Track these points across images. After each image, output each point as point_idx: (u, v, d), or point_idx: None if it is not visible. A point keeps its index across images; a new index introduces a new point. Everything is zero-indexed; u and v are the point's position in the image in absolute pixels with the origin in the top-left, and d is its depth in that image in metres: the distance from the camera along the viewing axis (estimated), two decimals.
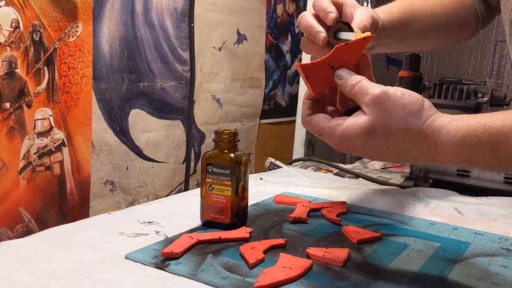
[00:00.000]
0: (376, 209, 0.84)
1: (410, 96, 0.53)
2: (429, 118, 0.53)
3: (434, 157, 0.53)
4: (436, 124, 0.52)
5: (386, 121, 0.52)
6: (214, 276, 0.55)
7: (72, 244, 0.63)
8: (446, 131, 0.51)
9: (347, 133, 0.54)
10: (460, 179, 0.99)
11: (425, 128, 0.52)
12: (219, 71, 1.27)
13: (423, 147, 0.52)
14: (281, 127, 1.61)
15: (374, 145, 0.53)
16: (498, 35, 1.56)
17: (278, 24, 1.54)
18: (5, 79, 0.77)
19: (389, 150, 0.54)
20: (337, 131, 0.55)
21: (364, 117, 0.53)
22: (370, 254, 0.63)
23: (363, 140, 0.53)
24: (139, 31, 1.02)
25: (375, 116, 0.53)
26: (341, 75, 0.57)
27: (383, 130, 0.52)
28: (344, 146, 0.56)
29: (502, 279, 0.57)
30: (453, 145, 0.51)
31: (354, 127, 0.54)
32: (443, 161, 0.53)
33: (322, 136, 0.57)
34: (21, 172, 0.82)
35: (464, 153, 0.51)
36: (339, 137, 0.55)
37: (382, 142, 0.53)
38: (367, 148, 0.54)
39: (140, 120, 1.05)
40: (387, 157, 0.55)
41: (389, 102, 0.52)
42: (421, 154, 0.53)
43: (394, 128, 0.52)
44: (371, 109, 0.53)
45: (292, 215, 0.74)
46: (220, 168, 0.69)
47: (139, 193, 1.07)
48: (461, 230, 0.75)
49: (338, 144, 0.56)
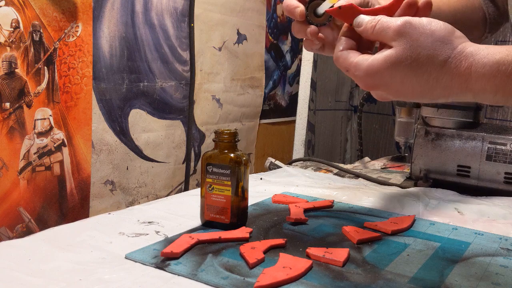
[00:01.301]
0: (376, 209, 0.84)
1: (438, 23, 0.51)
2: (461, 44, 0.50)
3: (467, 84, 0.49)
4: (470, 49, 0.49)
5: (414, 49, 0.50)
6: (214, 276, 0.54)
7: (72, 244, 0.63)
8: (483, 54, 0.48)
9: (373, 66, 0.52)
10: (460, 179, 0.99)
11: (456, 53, 0.49)
12: (219, 71, 1.27)
13: (456, 72, 0.49)
14: (281, 127, 1.61)
15: (401, 76, 0.51)
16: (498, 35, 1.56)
17: (278, 24, 1.54)
18: (5, 79, 0.77)
19: (418, 82, 0.50)
20: (363, 65, 0.53)
21: (390, 49, 0.51)
22: (370, 254, 0.63)
23: (389, 72, 0.51)
24: (139, 31, 1.02)
25: (402, 46, 0.50)
26: (359, 22, 0.55)
27: (410, 60, 0.50)
28: (369, 81, 0.53)
29: (502, 279, 0.57)
30: (489, 69, 0.48)
31: (380, 59, 0.51)
32: (477, 88, 0.49)
33: (349, 72, 0.55)
34: (21, 172, 0.82)
35: (501, 78, 0.47)
36: (364, 70, 0.52)
37: (410, 73, 0.50)
38: (394, 81, 0.51)
39: (140, 120, 1.05)
40: (415, 91, 0.52)
41: (415, 30, 0.50)
42: (453, 81, 0.49)
43: (422, 56, 0.50)
44: (396, 41, 0.51)
45: (293, 217, 0.74)
46: (220, 168, 0.69)
47: (139, 193, 1.07)
48: (461, 230, 0.75)
49: (364, 80, 0.53)
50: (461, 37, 0.51)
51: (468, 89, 0.50)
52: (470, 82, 0.49)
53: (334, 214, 0.80)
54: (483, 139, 0.96)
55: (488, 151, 0.95)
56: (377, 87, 0.54)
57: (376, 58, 0.52)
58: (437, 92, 0.51)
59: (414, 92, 0.52)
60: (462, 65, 0.49)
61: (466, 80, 0.49)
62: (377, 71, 0.52)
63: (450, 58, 0.49)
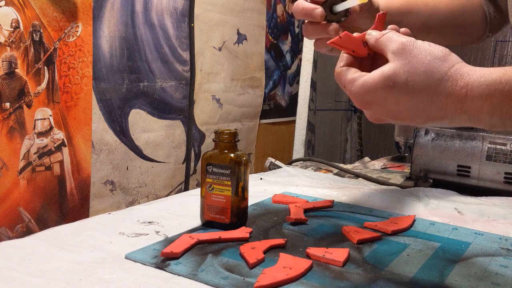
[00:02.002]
0: (376, 209, 0.84)
1: (437, 46, 0.51)
2: (457, 63, 0.50)
3: (463, 104, 0.48)
4: (466, 69, 0.49)
5: (412, 66, 0.50)
6: (214, 276, 0.55)
7: (72, 244, 0.63)
8: (479, 74, 0.48)
9: (368, 82, 0.52)
10: (460, 179, 0.99)
11: (453, 71, 0.49)
12: (219, 71, 1.27)
13: (451, 91, 0.49)
14: (281, 127, 1.61)
15: (396, 95, 0.50)
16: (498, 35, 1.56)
17: (278, 24, 1.54)
18: (5, 79, 0.77)
19: (413, 100, 0.50)
20: (358, 81, 0.52)
21: (388, 64, 0.51)
22: (370, 254, 0.63)
23: (384, 89, 0.51)
24: (139, 31, 1.02)
25: (401, 61, 0.50)
26: (371, 33, 0.56)
27: (407, 76, 0.50)
28: (364, 98, 0.53)
29: (502, 279, 0.57)
30: (486, 87, 0.47)
31: (376, 75, 0.51)
32: (473, 109, 0.48)
33: (346, 89, 0.55)
34: (21, 172, 0.82)
35: (498, 98, 0.47)
36: (359, 87, 0.52)
37: (406, 90, 0.50)
38: (388, 99, 0.51)
39: (140, 120, 1.05)
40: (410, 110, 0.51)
41: (416, 48, 0.51)
42: (448, 100, 0.49)
43: (419, 73, 0.49)
44: (396, 55, 0.51)
45: (293, 217, 0.74)
46: (220, 168, 0.69)
47: (139, 193, 1.07)
48: (461, 230, 0.75)
49: (359, 97, 0.53)
50: (458, 58, 0.51)
51: (463, 110, 0.49)
52: (466, 103, 0.48)
53: (334, 214, 0.80)
54: (483, 139, 0.96)
55: (488, 151, 0.95)
56: (370, 105, 0.53)
57: (372, 74, 0.52)
58: (432, 113, 0.51)
59: (408, 111, 0.52)
60: (458, 84, 0.49)
61: (461, 100, 0.49)
62: (371, 88, 0.52)
63: (446, 76, 0.49)
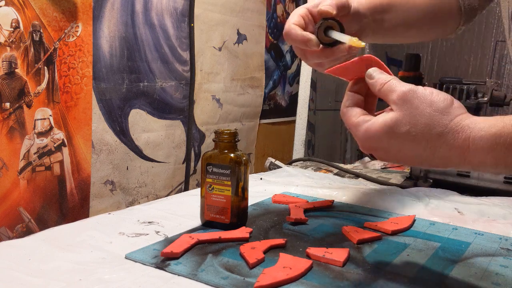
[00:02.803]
0: (376, 209, 0.84)
1: (439, 94, 0.52)
2: (458, 116, 0.50)
3: (465, 155, 0.49)
4: (467, 121, 0.50)
5: (413, 117, 0.50)
6: (214, 276, 0.55)
7: (72, 244, 0.63)
8: (480, 127, 0.49)
9: (371, 130, 0.53)
10: (460, 179, 0.99)
11: (453, 124, 0.50)
12: (219, 71, 1.27)
13: (453, 144, 0.49)
14: (281, 127, 1.61)
15: (399, 143, 0.51)
16: (498, 35, 1.56)
17: (278, 24, 1.54)
18: (5, 79, 0.77)
19: (415, 149, 0.51)
20: (362, 128, 0.53)
21: (390, 113, 0.52)
22: (370, 254, 0.63)
23: (387, 137, 0.52)
24: (139, 31, 1.02)
25: (402, 112, 0.51)
26: (371, 74, 0.56)
27: (408, 127, 0.50)
28: (367, 143, 0.54)
29: (502, 279, 0.57)
30: (486, 141, 0.48)
31: (378, 123, 0.52)
32: (476, 161, 0.49)
33: (351, 130, 0.56)
34: (21, 172, 0.82)
35: (500, 151, 0.48)
36: (362, 133, 0.53)
37: (408, 140, 0.51)
38: (391, 147, 0.52)
39: (140, 120, 1.04)
40: (413, 158, 0.52)
41: (417, 99, 0.51)
42: (451, 152, 0.50)
43: (420, 124, 0.50)
44: (398, 106, 0.52)
45: (293, 217, 0.74)
46: (220, 168, 0.69)
47: (139, 193, 1.07)
48: (461, 230, 0.75)
49: (362, 142, 0.54)
50: (460, 108, 0.52)
51: (466, 161, 0.50)
52: (469, 155, 0.49)
53: (334, 214, 0.80)
54: None
55: None
56: (375, 150, 0.54)
57: (375, 121, 0.53)
58: (435, 162, 0.51)
59: (412, 158, 0.52)
60: (460, 136, 0.49)
61: (464, 152, 0.49)
62: (374, 135, 0.52)
63: (447, 129, 0.50)
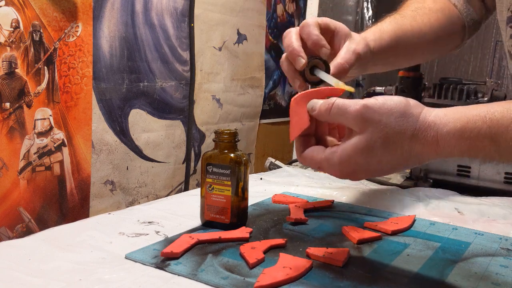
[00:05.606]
0: (376, 209, 0.84)
1: (392, 100, 0.52)
2: (420, 115, 0.52)
3: (437, 151, 0.52)
4: (431, 119, 0.52)
5: (381, 131, 0.51)
6: (214, 276, 0.55)
7: (72, 244, 0.63)
8: (444, 123, 0.51)
9: (345, 156, 0.52)
10: (460, 179, 0.99)
11: (420, 124, 0.51)
12: (219, 71, 1.27)
13: (425, 141, 0.51)
14: (281, 127, 1.61)
15: (376, 157, 0.52)
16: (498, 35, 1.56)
17: (278, 24, 1.54)
18: (5, 79, 0.77)
19: (393, 157, 0.52)
20: (334, 158, 0.53)
21: (357, 136, 0.52)
22: (370, 254, 0.63)
23: (364, 157, 0.52)
24: (139, 31, 1.02)
25: (369, 132, 0.51)
26: (312, 106, 0.55)
27: (381, 141, 0.51)
28: (346, 170, 0.54)
29: (502, 279, 0.57)
30: (453, 136, 0.51)
31: (350, 148, 0.52)
32: (446, 153, 0.52)
33: (321, 169, 0.55)
34: (21, 172, 0.82)
35: (464, 145, 0.50)
36: (338, 163, 0.53)
37: (384, 151, 0.52)
38: (370, 163, 0.52)
39: (140, 120, 1.04)
40: (393, 166, 0.53)
41: (374, 113, 0.51)
42: (424, 148, 0.52)
43: (391, 135, 0.51)
44: (359, 126, 0.52)
45: (293, 217, 0.74)
46: (220, 168, 0.69)
47: (139, 193, 1.07)
48: (461, 230, 0.75)
49: (340, 171, 0.54)
50: (418, 106, 0.53)
51: (438, 154, 0.52)
52: (439, 149, 0.51)
53: (334, 214, 0.80)
54: None
55: None
56: (355, 174, 0.54)
57: (345, 148, 0.53)
58: (412, 161, 0.53)
59: (391, 167, 0.53)
60: (429, 134, 0.51)
61: (435, 148, 0.52)
62: (351, 159, 0.52)
63: (416, 130, 0.51)
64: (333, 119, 0.54)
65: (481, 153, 0.51)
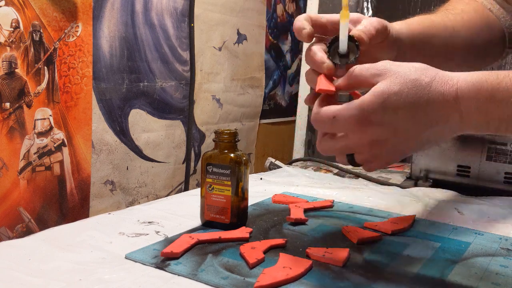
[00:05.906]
0: (376, 209, 0.84)
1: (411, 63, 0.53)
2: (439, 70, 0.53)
3: (455, 102, 0.51)
4: (450, 74, 0.52)
5: (400, 77, 0.51)
6: (214, 276, 0.55)
7: (72, 244, 0.63)
8: (464, 76, 0.52)
9: (365, 102, 0.50)
10: (460, 179, 0.99)
11: (440, 75, 0.52)
12: (219, 71, 1.27)
13: (443, 90, 0.51)
14: (281, 127, 1.61)
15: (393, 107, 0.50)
16: None
17: (278, 24, 1.54)
18: (5, 79, 0.77)
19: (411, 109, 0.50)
20: (352, 106, 0.51)
21: (378, 84, 0.51)
22: (370, 254, 0.63)
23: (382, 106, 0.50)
24: (139, 31, 1.02)
25: (388, 79, 0.51)
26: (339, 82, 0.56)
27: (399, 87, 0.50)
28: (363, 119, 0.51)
29: (502, 279, 0.57)
30: (472, 86, 0.51)
31: (370, 95, 0.51)
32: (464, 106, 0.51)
33: (336, 123, 0.52)
34: (21, 172, 0.82)
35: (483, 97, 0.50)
36: (357, 112, 0.51)
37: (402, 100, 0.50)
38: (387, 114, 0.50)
39: (140, 120, 1.04)
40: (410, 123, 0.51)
41: (394, 65, 0.52)
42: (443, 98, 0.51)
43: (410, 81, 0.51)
44: (380, 77, 0.51)
45: (293, 217, 0.74)
46: (220, 168, 0.69)
47: (139, 193, 1.07)
48: (461, 230, 0.75)
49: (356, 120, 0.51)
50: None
51: (455, 108, 0.51)
52: (457, 101, 0.51)
53: (334, 214, 0.80)
54: (483, 139, 0.96)
55: (488, 151, 0.95)
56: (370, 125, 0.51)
57: (366, 96, 0.51)
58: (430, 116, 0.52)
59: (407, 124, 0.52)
60: (448, 83, 0.51)
61: (453, 98, 0.51)
62: (369, 107, 0.50)
63: (435, 79, 0.51)
64: (357, 78, 0.53)
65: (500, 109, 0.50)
